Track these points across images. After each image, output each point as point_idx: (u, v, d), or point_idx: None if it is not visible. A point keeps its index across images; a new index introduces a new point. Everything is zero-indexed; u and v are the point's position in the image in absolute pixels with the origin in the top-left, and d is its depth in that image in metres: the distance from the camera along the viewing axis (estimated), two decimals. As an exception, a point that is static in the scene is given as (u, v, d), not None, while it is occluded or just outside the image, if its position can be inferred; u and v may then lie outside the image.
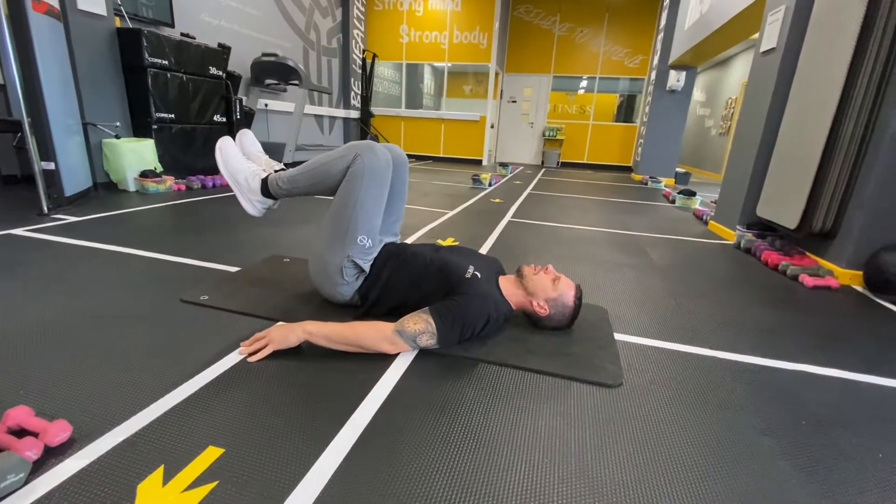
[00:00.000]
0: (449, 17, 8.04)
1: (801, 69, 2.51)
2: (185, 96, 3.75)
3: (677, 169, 7.23)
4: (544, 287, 1.35)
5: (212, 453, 0.82)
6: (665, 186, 6.24)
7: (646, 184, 6.56)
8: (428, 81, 9.24)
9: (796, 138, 2.47)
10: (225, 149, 1.48)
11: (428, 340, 1.20)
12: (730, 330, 1.58)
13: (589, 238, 2.88)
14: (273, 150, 5.53)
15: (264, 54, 5.17)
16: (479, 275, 1.34)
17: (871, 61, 2.02)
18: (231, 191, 3.68)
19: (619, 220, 3.61)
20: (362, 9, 7.96)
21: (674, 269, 2.31)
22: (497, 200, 4.16)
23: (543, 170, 8.28)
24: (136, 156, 3.35)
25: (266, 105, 5.63)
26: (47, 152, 2.46)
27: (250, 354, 1.16)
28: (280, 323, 1.34)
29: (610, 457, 0.90)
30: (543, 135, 9.36)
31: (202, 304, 1.45)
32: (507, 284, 1.41)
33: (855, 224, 2.17)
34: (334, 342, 1.18)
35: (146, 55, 3.34)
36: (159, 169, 3.52)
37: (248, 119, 4.64)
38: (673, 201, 4.76)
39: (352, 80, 7.82)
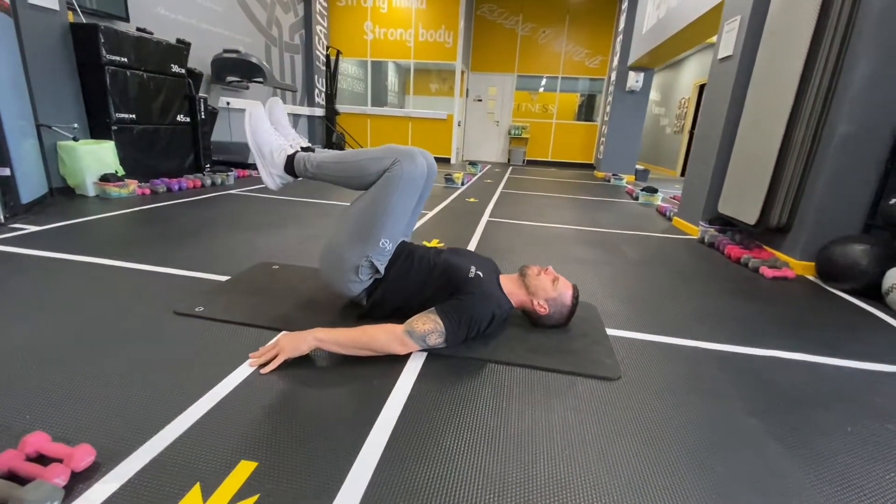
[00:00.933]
0: (414, 14, 8.02)
1: (756, 75, 2.71)
2: (146, 95, 3.57)
3: (637, 166, 7.57)
4: (545, 287, 1.41)
5: (246, 468, 0.83)
6: (627, 183, 6.52)
7: (608, 181, 6.83)
8: (393, 79, 9.19)
9: (754, 140, 2.67)
10: (255, 116, 1.45)
11: (436, 340, 1.23)
12: (706, 321, 1.71)
13: (565, 236, 2.99)
14: (237, 149, 5.37)
15: (226, 50, 4.99)
16: (481, 274, 1.38)
17: (820, 69, 2.21)
18: (203, 194, 3.58)
19: (590, 217, 3.76)
20: (325, 4, 7.80)
21: (647, 264, 2.44)
22: (472, 200, 4.22)
23: (511, 168, 8.43)
24: (94, 158, 3.16)
25: (228, 103, 5.43)
26: (2, 157, 2.29)
27: (262, 366, 1.15)
28: (285, 332, 1.34)
29: (622, 445, 0.97)
30: (509, 133, 9.53)
31: (199, 315, 1.42)
32: (508, 283, 1.46)
33: (807, 219, 2.38)
34: (345, 347, 1.20)
35: (104, 52, 3.16)
36: (121, 172, 3.34)
37: (212, 118, 4.47)
38: (636, 198, 4.98)
39: (315, 77, 7.66)
